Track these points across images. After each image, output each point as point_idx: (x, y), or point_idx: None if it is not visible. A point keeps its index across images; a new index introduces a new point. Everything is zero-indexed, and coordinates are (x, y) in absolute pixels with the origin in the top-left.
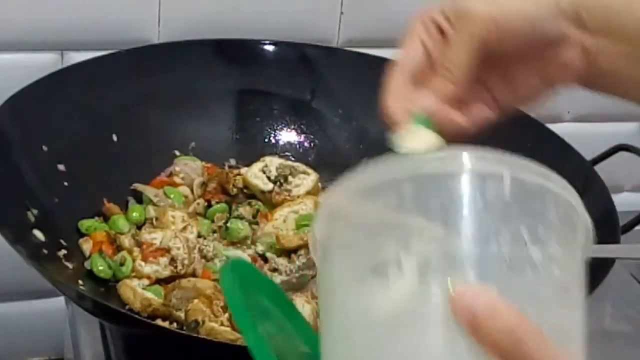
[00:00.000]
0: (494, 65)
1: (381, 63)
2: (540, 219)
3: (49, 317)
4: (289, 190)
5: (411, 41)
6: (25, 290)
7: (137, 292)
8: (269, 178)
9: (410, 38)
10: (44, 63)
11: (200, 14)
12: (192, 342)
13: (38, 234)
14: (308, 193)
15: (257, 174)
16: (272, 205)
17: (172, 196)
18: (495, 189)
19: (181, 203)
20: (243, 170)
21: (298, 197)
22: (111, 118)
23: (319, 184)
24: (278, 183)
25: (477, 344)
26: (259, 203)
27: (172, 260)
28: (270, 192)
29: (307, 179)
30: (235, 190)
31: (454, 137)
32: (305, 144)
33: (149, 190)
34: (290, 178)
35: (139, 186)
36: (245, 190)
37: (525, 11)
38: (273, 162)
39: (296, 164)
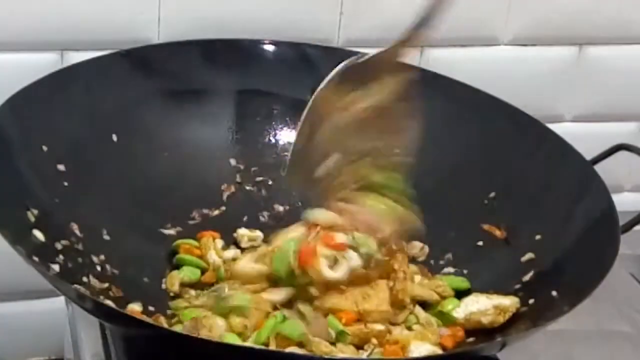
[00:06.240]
0: None
1: None
2: None
3: (49, 317)
4: None
5: None
6: (25, 290)
7: None
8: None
9: None
10: (44, 63)
11: (200, 14)
12: (192, 342)
13: (38, 234)
14: None
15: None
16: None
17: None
18: None
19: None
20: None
21: None
22: (111, 118)
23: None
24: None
25: None
26: None
27: None
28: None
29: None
30: None
31: None
32: None
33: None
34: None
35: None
36: None
37: None
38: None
39: None
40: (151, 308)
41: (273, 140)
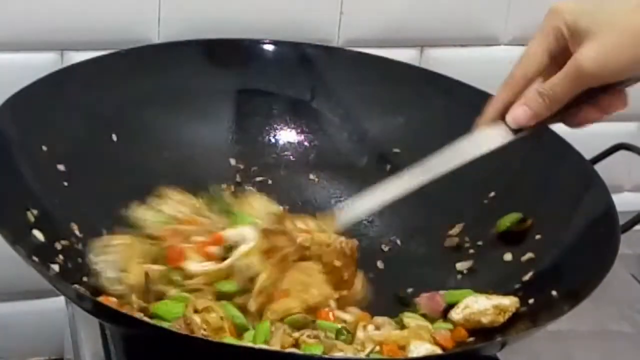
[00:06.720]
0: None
1: (381, 63)
2: None
3: (49, 317)
4: None
5: (537, 45)
6: (25, 290)
7: None
8: None
9: (538, 41)
10: (44, 63)
11: (200, 14)
12: (191, 343)
13: (38, 234)
14: None
15: None
16: None
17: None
18: None
19: None
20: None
21: None
22: (111, 118)
23: None
24: None
25: None
26: None
27: None
28: None
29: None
30: None
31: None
32: (305, 143)
33: None
34: None
35: None
36: None
37: (629, 68)
38: None
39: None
40: None
41: (273, 140)
